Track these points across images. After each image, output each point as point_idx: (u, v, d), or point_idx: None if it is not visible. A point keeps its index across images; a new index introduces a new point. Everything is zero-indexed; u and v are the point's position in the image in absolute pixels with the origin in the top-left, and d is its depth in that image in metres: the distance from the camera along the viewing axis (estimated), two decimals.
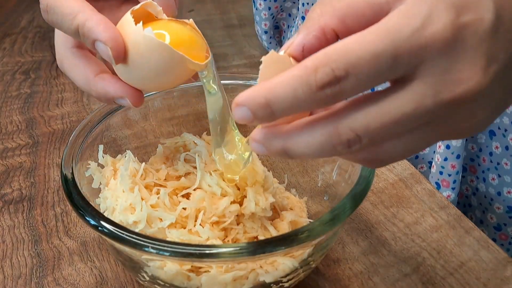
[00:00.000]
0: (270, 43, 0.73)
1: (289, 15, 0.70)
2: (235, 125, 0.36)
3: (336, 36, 0.24)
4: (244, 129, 0.46)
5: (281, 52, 0.25)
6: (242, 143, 0.35)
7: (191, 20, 0.34)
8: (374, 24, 0.21)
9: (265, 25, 0.71)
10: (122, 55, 0.30)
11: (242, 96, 0.22)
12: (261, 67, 0.24)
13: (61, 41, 0.35)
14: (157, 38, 0.29)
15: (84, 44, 0.34)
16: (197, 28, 0.34)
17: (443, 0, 0.21)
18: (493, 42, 0.21)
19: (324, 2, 0.24)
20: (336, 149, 0.22)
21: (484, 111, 0.23)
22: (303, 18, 0.63)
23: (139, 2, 0.33)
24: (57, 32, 0.36)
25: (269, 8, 0.69)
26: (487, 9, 0.21)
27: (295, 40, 0.25)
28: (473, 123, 0.23)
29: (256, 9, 0.70)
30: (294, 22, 0.69)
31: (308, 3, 0.61)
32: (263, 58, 0.24)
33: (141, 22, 0.30)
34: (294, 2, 0.69)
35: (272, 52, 0.24)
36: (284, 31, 0.72)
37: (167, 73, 0.31)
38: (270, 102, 0.22)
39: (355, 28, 0.22)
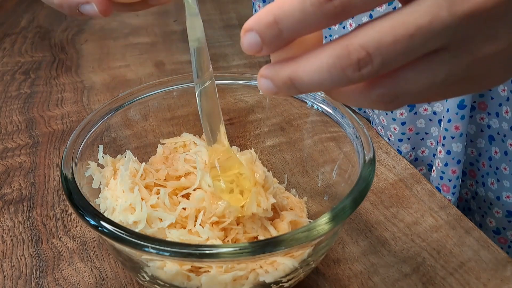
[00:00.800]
0: None
1: None
2: (225, 137, 0.34)
3: None
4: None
5: None
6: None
7: None
8: None
9: None
10: None
11: (250, 20, 0.22)
12: None
13: None
14: None
15: None
16: None
17: None
18: None
19: None
20: (346, 73, 0.21)
21: (507, 31, 0.21)
22: None
23: None
24: None
25: None
26: None
27: None
28: (498, 49, 0.21)
29: (256, 11, 0.70)
30: None
31: None
32: None
33: None
34: None
35: None
36: None
37: None
38: (278, 19, 0.21)
39: None
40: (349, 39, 0.21)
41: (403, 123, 0.53)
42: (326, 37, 0.60)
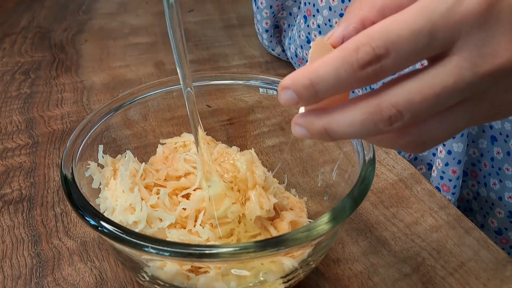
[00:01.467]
0: (271, 41, 0.73)
1: (290, 14, 0.70)
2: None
3: None
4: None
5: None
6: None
7: None
8: None
9: (266, 23, 0.70)
10: None
11: (287, 79, 0.23)
12: (310, 51, 0.25)
13: None
14: None
15: None
16: None
17: None
18: None
19: None
20: (378, 126, 0.23)
21: None
22: (304, 17, 0.63)
23: None
24: None
25: (271, 7, 0.68)
26: None
27: (336, 32, 0.25)
28: None
29: (257, 7, 0.70)
30: (295, 20, 0.69)
31: (309, 3, 0.61)
32: (312, 43, 0.25)
33: None
34: (295, 1, 0.69)
35: (320, 37, 0.26)
36: (284, 30, 0.71)
37: None
38: (314, 83, 0.23)
39: None
40: (380, 97, 0.23)
41: None
42: None
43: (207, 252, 0.27)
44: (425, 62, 0.24)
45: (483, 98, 0.23)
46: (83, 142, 0.37)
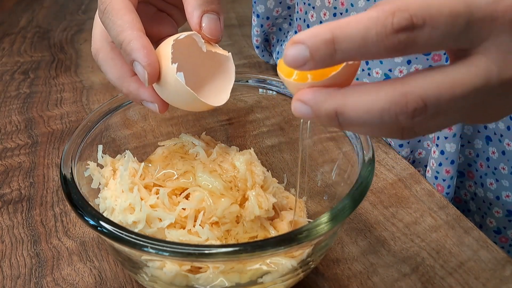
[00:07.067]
0: (263, 56, 0.73)
1: (280, 29, 0.70)
2: None
3: None
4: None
5: None
6: None
7: (229, 54, 0.36)
8: None
9: (257, 40, 0.71)
10: (155, 80, 0.32)
11: (302, 34, 0.21)
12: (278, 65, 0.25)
13: (101, 33, 0.36)
14: (185, 85, 0.32)
15: None
16: (232, 60, 0.37)
17: None
18: None
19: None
20: (398, 118, 0.21)
21: None
22: (295, 32, 0.63)
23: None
24: (98, 22, 0.36)
25: (261, 26, 0.69)
26: None
27: None
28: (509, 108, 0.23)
29: (254, 12, 0.70)
30: (286, 36, 0.69)
31: (300, 18, 0.61)
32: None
33: (176, 64, 0.32)
34: (285, 18, 0.69)
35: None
36: (273, 45, 0.72)
37: (188, 107, 0.35)
38: (337, 39, 0.20)
39: None
40: (407, 87, 0.21)
41: None
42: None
43: (206, 252, 0.27)
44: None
45: (491, 103, 0.22)
46: (83, 142, 0.37)
